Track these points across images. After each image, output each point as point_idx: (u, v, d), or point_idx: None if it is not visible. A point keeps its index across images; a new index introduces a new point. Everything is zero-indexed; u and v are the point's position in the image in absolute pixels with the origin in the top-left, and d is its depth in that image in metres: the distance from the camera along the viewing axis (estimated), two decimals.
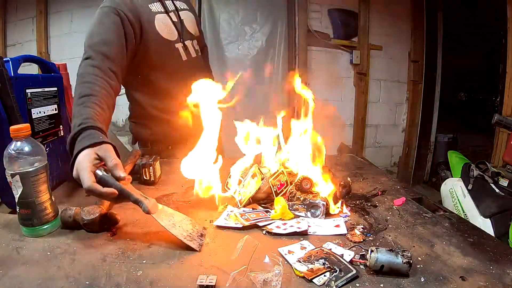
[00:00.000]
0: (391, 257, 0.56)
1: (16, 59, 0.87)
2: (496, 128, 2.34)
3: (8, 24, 2.65)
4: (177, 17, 1.24)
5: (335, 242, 0.68)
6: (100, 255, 0.64)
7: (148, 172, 1.04)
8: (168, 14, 1.20)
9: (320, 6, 2.90)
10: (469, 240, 0.69)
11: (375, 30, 3.03)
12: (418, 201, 0.91)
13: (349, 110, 3.12)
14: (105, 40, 0.99)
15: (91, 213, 0.73)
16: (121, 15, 1.03)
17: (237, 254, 0.63)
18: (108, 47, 0.98)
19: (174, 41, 1.21)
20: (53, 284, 0.55)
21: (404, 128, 3.32)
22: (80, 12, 2.58)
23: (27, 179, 0.68)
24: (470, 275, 0.57)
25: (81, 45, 1.00)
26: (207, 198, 0.92)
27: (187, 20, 1.29)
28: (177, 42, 1.22)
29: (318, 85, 2.97)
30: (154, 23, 1.14)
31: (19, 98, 0.84)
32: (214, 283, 0.53)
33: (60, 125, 1.05)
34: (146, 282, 0.56)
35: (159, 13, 1.17)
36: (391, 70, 3.16)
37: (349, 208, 0.85)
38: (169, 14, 1.20)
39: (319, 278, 0.56)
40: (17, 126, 0.69)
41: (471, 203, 1.65)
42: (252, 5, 2.86)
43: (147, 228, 0.76)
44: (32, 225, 0.71)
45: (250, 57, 2.91)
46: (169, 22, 1.20)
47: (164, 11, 1.19)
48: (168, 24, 1.19)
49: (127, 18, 1.04)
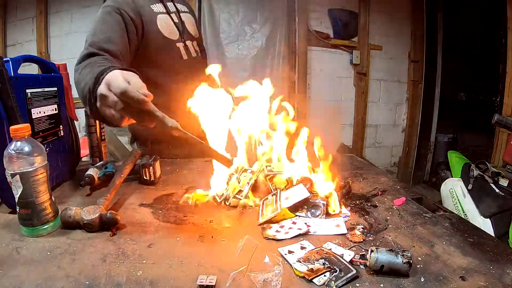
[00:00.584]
0: (391, 257, 0.56)
1: (16, 59, 0.87)
2: (496, 128, 2.34)
3: (8, 24, 2.65)
4: (178, 18, 1.28)
5: (335, 242, 0.68)
6: (100, 255, 0.64)
7: (148, 172, 1.04)
8: (170, 15, 1.24)
9: (320, 6, 2.90)
10: (469, 240, 0.69)
11: (375, 30, 3.03)
12: (418, 201, 0.90)
13: (349, 110, 3.12)
14: (108, 38, 1.01)
15: (91, 213, 0.73)
16: (124, 14, 1.06)
17: (237, 254, 0.63)
18: (112, 44, 1.00)
19: (175, 40, 1.24)
20: (53, 284, 0.55)
21: (404, 128, 3.32)
22: (80, 12, 2.58)
23: (27, 179, 0.68)
24: (470, 275, 0.57)
25: (81, 45, 1.00)
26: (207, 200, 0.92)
27: (188, 21, 1.33)
28: (178, 42, 1.26)
29: (318, 85, 2.97)
30: (156, 22, 1.17)
31: (19, 98, 0.84)
32: (214, 283, 0.53)
33: (60, 125, 1.05)
34: (146, 282, 0.56)
35: (161, 13, 1.21)
36: (391, 70, 3.16)
37: (349, 208, 0.85)
38: (171, 15, 1.24)
39: (319, 278, 0.56)
40: (17, 126, 0.69)
41: (471, 203, 1.65)
42: (252, 5, 2.86)
43: (147, 228, 0.76)
44: (32, 225, 0.71)
45: (250, 57, 2.91)
46: (170, 22, 1.24)
47: (165, 12, 1.23)
48: (169, 24, 1.23)
49: (129, 17, 1.07)
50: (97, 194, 0.97)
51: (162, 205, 0.89)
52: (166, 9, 1.23)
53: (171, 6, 1.27)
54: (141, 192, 1.00)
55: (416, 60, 3.16)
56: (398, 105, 3.26)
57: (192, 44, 1.33)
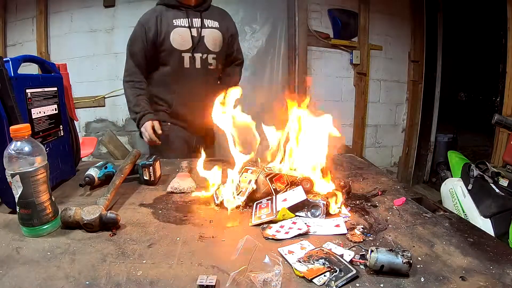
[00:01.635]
0: (391, 257, 0.56)
1: (16, 59, 0.87)
2: (496, 128, 2.34)
3: (8, 24, 2.65)
4: (197, 33, 1.52)
5: (335, 242, 0.68)
6: (100, 255, 0.64)
7: (148, 172, 1.04)
8: (191, 29, 1.51)
9: (320, 6, 2.89)
10: (469, 240, 0.69)
11: (375, 30, 3.02)
12: (418, 201, 0.91)
13: (349, 110, 3.11)
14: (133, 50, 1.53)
15: (91, 213, 0.73)
16: (146, 28, 1.48)
17: (237, 254, 0.63)
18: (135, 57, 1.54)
19: (184, 51, 1.51)
20: (53, 284, 0.55)
21: (404, 128, 3.32)
22: (80, 12, 2.58)
23: (27, 179, 0.68)
24: (470, 275, 0.57)
25: (81, 45, 1.01)
26: (207, 198, 0.92)
27: (209, 37, 1.55)
28: (187, 52, 1.52)
29: (318, 85, 2.97)
30: (170, 34, 1.48)
31: (19, 98, 0.84)
32: (214, 283, 0.53)
33: (60, 125, 1.05)
34: (146, 282, 0.56)
35: (180, 27, 1.50)
36: (391, 70, 3.15)
37: (349, 208, 0.85)
38: (191, 29, 1.51)
39: (319, 278, 0.56)
40: (17, 126, 0.69)
41: (471, 203, 1.65)
42: (252, 5, 2.86)
43: (147, 228, 0.76)
44: (32, 225, 0.71)
45: (250, 57, 2.90)
46: (186, 35, 1.50)
47: (187, 26, 1.50)
48: (184, 36, 1.50)
49: (150, 30, 1.48)
50: (97, 194, 0.97)
51: (162, 205, 0.89)
52: (189, 24, 1.51)
53: (196, 21, 1.52)
54: (141, 192, 1.00)
55: (416, 60, 3.15)
56: (398, 105, 3.26)
57: (201, 57, 1.54)
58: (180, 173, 1.09)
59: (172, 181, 1.01)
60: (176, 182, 1.00)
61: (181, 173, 1.09)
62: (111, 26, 2.57)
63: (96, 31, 2.57)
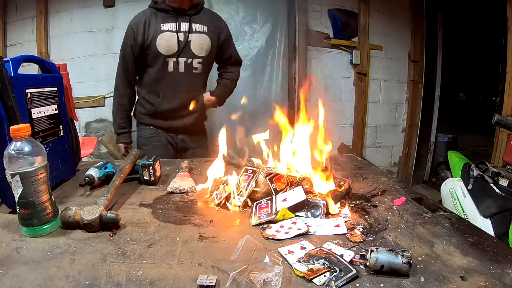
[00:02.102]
0: (391, 257, 0.56)
1: (16, 59, 0.87)
2: (496, 128, 2.34)
3: (8, 24, 2.64)
4: (184, 38, 1.52)
5: (335, 242, 0.68)
6: (100, 255, 0.64)
7: (148, 172, 1.04)
8: (178, 33, 1.51)
9: (320, 6, 2.89)
10: (469, 240, 0.69)
11: (375, 30, 3.02)
12: (418, 201, 0.90)
13: (349, 110, 3.11)
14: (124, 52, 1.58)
15: (91, 213, 0.73)
16: (134, 30, 1.52)
17: (237, 254, 0.63)
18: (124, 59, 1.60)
19: (168, 56, 1.53)
20: (53, 284, 0.55)
21: (404, 128, 3.32)
22: (80, 12, 2.58)
23: (27, 179, 0.68)
24: (470, 275, 0.57)
25: (81, 45, 1.01)
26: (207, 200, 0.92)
27: (196, 41, 1.55)
28: (171, 57, 1.54)
29: (318, 85, 2.97)
30: (156, 38, 1.50)
31: (19, 98, 0.84)
32: (214, 283, 0.53)
33: (60, 125, 1.05)
34: (146, 282, 0.56)
35: (167, 31, 1.50)
36: (391, 70, 3.15)
37: (349, 208, 0.85)
38: (178, 33, 1.51)
39: (319, 278, 0.56)
40: (17, 126, 0.69)
41: (471, 203, 1.65)
42: (252, 5, 2.86)
43: (147, 228, 0.76)
44: (32, 225, 0.71)
45: (250, 57, 2.90)
46: (173, 40, 1.51)
47: (175, 31, 1.51)
48: (170, 41, 1.51)
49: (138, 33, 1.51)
50: (97, 194, 0.97)
51: (162, 205, 0.89)
52: (177, 28, 1.50)
53: (184, 25, 1.52)
54: (141, 192, 1.00)
55: (416, 60, 3.15)
56: (398, 105, 3.25)
57: (186, 61, 1.56)
58: (180, 173, 1.09)
59: (172, 181, 1.02)
60: (176, 182, 1.00)
61: (181, 173, 1.09)
62: (111, 26, 2.57)
63: (96, 31, 2.57)
